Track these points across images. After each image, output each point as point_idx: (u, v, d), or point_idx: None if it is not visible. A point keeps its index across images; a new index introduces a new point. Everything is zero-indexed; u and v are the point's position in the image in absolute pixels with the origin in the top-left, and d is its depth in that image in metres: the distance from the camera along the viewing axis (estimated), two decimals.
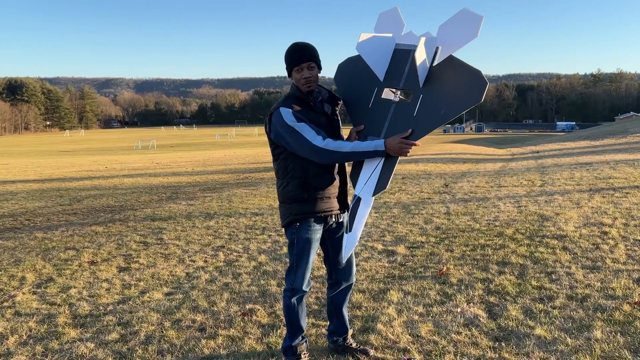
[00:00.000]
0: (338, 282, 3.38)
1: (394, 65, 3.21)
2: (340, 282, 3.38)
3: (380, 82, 3.25)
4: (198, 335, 3.85)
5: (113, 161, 32.18)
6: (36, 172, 23.03)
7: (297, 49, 3.08)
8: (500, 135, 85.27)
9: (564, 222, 6.96)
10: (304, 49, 3.09)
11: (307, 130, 2.97)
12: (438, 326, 3.83)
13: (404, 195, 10.27)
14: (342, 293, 3.44)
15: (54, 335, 3.95)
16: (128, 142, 76.36)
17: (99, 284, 5.23)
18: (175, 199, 11.86)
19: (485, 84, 2.82)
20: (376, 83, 3.27)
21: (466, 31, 2.86)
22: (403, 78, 3.16)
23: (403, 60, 3.18)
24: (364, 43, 3.12)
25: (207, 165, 24.34)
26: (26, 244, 7.26)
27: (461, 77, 2.92)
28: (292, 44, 3.13)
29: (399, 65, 3.19)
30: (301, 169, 3.08)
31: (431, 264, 5.39)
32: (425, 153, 27.24)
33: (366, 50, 3.14)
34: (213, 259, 6.00)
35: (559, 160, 18.48)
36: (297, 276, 3.22)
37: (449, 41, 2.93)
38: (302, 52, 3.08)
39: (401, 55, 3.19)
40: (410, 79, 3.11)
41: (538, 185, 11.02)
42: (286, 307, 3.27)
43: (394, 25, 3.30)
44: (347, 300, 3.49)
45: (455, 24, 2.90)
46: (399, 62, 3.20)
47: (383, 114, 3.19)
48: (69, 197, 13.19)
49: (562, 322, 3.78)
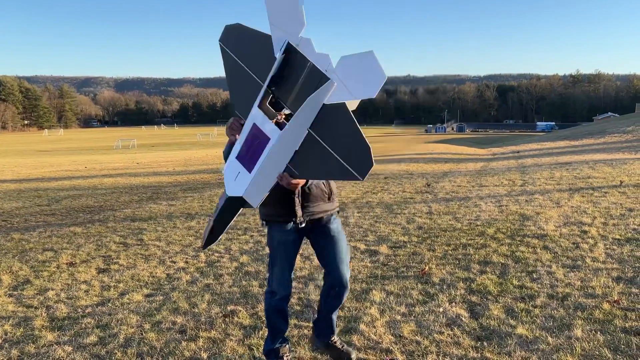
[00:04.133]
0: (332, 285, 3.26)
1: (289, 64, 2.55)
2: (334, 286, 3.25)
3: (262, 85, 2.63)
4: (178, 338, 3.79)
5: (93, 161, 31.77)
6: (13, 172, 22.63)
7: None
8: (481, 135, 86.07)
9: (544, 221, 7.02)
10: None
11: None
12: (420, 326, 3.83)
13: (387, 195, 10.28)
14: (335, 297, 3.30)
15: (30, 338, 3.87)
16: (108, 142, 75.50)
17: (77, 285, 5.14)
18: (156, 199, 11.73)
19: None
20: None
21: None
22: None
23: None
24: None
25: (189, 165, 24.14)
26: (2, 246, 7.12)
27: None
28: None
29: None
30: None
31: (413, 264, 5.39)
32: (407, 153, 27.36)
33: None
34: (194, 260, 5.94)
35: (539, 160, 18.69)
36: (272, 278, 3.25)
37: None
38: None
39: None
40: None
41: (519, 184, 11.12)
42: (266, 310, 3.31)
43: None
44: (337, 307, 3.37)
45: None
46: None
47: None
48: (47, 197, 12.98)
49: (543, 321, 3.80)
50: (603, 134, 33.34)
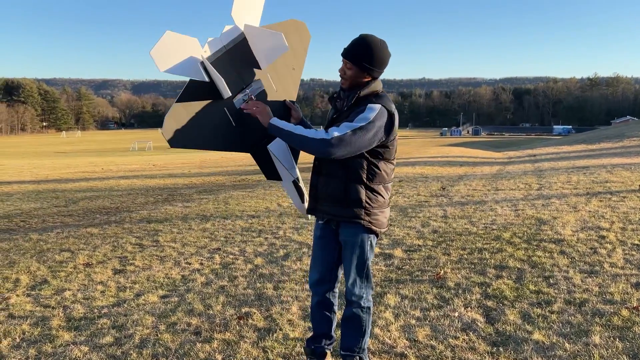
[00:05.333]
0: (346, 299, 3.14)
1: (224, 73, 3.00)
2: (347, 300, 3.14)
3: (224, 99, 3.06)
4: (193, 339, 3.81)
5: (109, 162, 32.09)
6: (32, 173, 22.93)
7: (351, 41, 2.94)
8: (497, 139, 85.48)
9: (561, 226, 6.94)
10: (350, 43, 2.93)
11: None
12: (435, 330, 3.80)
13: (401, 198, 10.25)
14: (345, 318, 3.16)
15: (47, 338, 3.91)
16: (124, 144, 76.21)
17: (93, 286, 5.19)
18: (171, 201, 11.81)
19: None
20: (221, 104, 3.08)
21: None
22: (240, 76, 3.14)
23: (226, 63, 3.06)
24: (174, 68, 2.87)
25: (204, 167, 24.28)
26: (21, 246, 7.21)
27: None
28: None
29: (228, 69, 3.05)
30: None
31: (428, 268, 5.36)
32: (422, 156, 27.27)
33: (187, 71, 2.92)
34: (209, 262, 5.96)
35: (555, 164, 18.51)
36: (309, 271, 3.29)
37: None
38: (348, 45, 2.94)
39: (222, 61, 3.04)
40: (246, 73, 3.15)
41: (535, 188, 11.01)
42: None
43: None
44: (347, 341, 3.17)
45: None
46: (225, 68, 3.04)
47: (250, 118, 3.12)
48: (64, 198, 13.13)
49: (560, 327, 3.76)
50: (621, 137, 32.93)
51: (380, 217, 3.03)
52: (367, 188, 2.95)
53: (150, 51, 2.74)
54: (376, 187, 2.97)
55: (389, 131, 2.89)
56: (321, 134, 2.84)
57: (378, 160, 2.95)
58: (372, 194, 2.97)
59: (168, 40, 2.79)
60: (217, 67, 2.95)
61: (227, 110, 3.10)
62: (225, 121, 3.11)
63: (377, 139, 2.85)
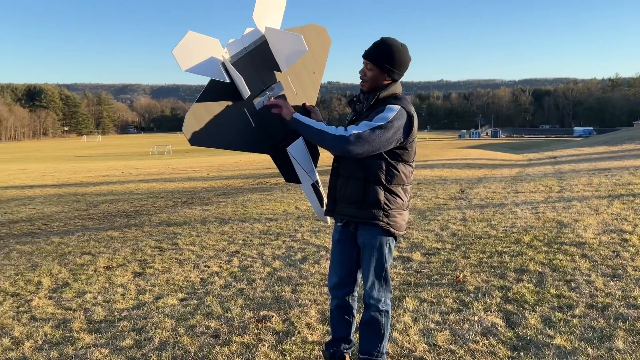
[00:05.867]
0: (365, 303, 3.13)
1: (245, 75, 3.04)
2: (365, 303, 3.13)
3: (245, 100, 3.11)
4: (212, 342, 3.82)
5: (129, 166, 32.43)
6: (54, 177, 23.27)
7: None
8: (516, 141, 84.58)
9: (582, 228, 6.84)
10: (371, 45, 2.96)
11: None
12: (455, 335, 3.77)
13: (419, 201, 10.19)
14: (364, 322, 3.16)
15: (69, 340, 3.95)
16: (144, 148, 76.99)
17: (114, 289, 5.24)
18: (190, 204, 11.89)
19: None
20: (241, 105, 3.13)
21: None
22: (260, 78, 3.18)
23: (247, 65, 3.11)
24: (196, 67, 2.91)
25: (222, 171, 24.42)
26: (43, 249, 7.31)
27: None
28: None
29: (249, 71, 3.10)
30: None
31: (447, 271, 5.32)
32: (440, 158, 27.11)
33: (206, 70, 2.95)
34: (227, 265, 5.99)
35: (576, 166, 18.26)
36: (328, 275, 3.29)
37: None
38: (369, 47, 2.96)
39: (242, 62, 3.09)
40: (267, 75, 3.20)
41: (556, 191, 10.88)
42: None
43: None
44: (366, 344, 3.15)
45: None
46: (246, 69, 3.08)
47: (271, 117, 3.17)
48: (85, 202, 13.30)
49: (582, 331, 3.70)
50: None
51: (398, 219, 3.02)
52: (385, 189, 2.95)
53: (172, 50, 2.79)
54: (395, 189, 2.96)
55: (407, 133, 2.90)
56: (340, 130, 2.87)
57: (397, 162, 2.94)
58: (390, 195, 2.96)
59: (190, 40, 2.84)
60: (237, 68, 2.98)
61: (247, 111, 3.14)
62: (245, 122, 3.14)
63: (395, 139, 2.85)
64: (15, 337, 4.03)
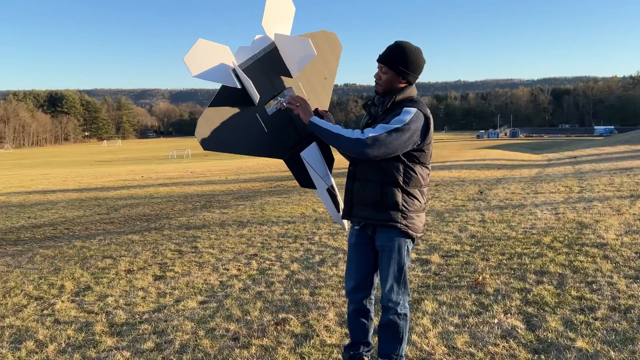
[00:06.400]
0: (383, 306, 3.13)
1: (256, 81, 3.08)
2: (383, 306, 3.12)
3: (256, 105, 3.15)
4: (232, 345, 3.85)
5: (149, 170, 32.78)
6: (75, 182, 23.62)
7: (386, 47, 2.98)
8: (535, 141, 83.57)
9: (604, 229, 6.75)
10: (386, 48, 2.97)
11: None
12: (474, 337, 3.75)
13: (437, 203, 10.14)
14: (382, 325, 3.14)
15: (91, 343, 4.02)
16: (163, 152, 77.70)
17: (135, 292, 5.31)
18: (209, 207, 11.99)
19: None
20: (252, 110, 3.17)
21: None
22: (271, 84, 3.22)
23: (258, 71, 3.16)
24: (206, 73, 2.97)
25: (241, 174, 24.56)
26: (65, 253, 7.43)
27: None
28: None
29: (259, 77, 3.15)
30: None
31: (466, 273, 5.29)
32: (458, 159, 26.93)
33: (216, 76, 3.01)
34: (246, 268, 6.02)
35: (597, 166, 18.01)
36: (345, 279, 3.29)
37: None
38: (384, 51, 2.97)
39: (253, 69, 3.15)
40: (278, 81, 3.24)
41: (576, 191, 10.74)
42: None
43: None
44: (385, 347, 3.13)
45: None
46: (257, 75, 3.13)
47: (284, 122, 3.24)
48: (106, 206, 13.48)
49: (604, 334, 3.65)
50: None
51: (416, 221, 3.02)
52: (403, 191, 2.95)
53: (183, 57, 2.85)
54: (412, 191, 2.97)
55: (424, 135, 2.91)
56: (357, 133, 2.89)
57: (414, 164, 2.95)
58: (408, 197, 2.97)
59: (200, 47, 2.91)
60: (248, 75, 3.02)
61: (259, 117, 3.17)
62: (258, 127, 3.19)
63: (412, 141, 2.87)
64: (39, 340, 4.11)
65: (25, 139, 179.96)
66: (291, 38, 3.18)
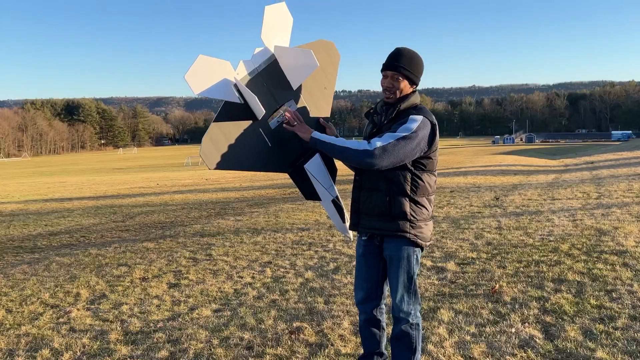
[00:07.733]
0: (394, 317, 3.09)
1: (258, 94, 3.06)
2: (394, 317, 3.09)
3: (259, 120, 3.13)
4: (246, 354, 3.83)
5: (164, 178, 33.01)
6: (91, 190, 23.84)
7: (390, 54, 2.96)
8: (552, 146, 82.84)
9: (623, 236, 6.64)
10: (392, 55, 2.94)
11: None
12: (491, 347, 3.69)
13: (453, 210, 10.06)
14: (394, 336, 3.09)
15: (106, 352, 4.02)
16: (178, 159, 78.25)
17: (149, 300, 5.31)
18: (223, 214, 12.01)
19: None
20: (256, 125, 3.15)
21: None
22: (273, 97, 3.19)
23: (259, 84, 3.13)
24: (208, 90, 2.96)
25: (254, 181, 24.61)
26: (81, 261, 7.48)
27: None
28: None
29: (261, 90, 3.13)
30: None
31: (483, 282, 5.22)
32: (474, 165, 26.75)
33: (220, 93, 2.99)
34: (260, 275, 6.01)
35: (615, 171, 17.77)
36: (354, 290, 3.27)
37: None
38: (390, 58, 2.95)
39: (254, 82, 3.12)
40: (279, 93, 3.21)
41: (594, 197, 10.60)
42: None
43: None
44: (402, 345, 3.07)
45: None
46: (258, 89, 3.11)
47: (287, 135, 3.18)
48: (122, 213, 13.57)
49: (625, 344, 3.58)
50: None
51: (425, 230, 2.99)
52: (411, 200, 2.92)
53: (184, 75, 2.84)
54: (420, 200, 2.94)
55: (431, 142, 2.90)
56: (363, 144, 2.84)
57: (421, 172, 2.93)
58: (416, 206, 2.94)
59: (201, 63, 2.89)
60: (250, 89, 3.02)
61: (263, 131, 3.16)
62: (261, 141, 3.17)
63: (419, 149, 2.85)
64: (55, 348, 4.12)
65: (42, 147, 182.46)
66: (292, 50, 3.17)
